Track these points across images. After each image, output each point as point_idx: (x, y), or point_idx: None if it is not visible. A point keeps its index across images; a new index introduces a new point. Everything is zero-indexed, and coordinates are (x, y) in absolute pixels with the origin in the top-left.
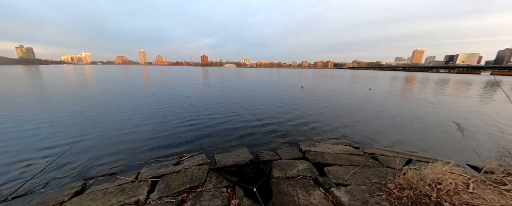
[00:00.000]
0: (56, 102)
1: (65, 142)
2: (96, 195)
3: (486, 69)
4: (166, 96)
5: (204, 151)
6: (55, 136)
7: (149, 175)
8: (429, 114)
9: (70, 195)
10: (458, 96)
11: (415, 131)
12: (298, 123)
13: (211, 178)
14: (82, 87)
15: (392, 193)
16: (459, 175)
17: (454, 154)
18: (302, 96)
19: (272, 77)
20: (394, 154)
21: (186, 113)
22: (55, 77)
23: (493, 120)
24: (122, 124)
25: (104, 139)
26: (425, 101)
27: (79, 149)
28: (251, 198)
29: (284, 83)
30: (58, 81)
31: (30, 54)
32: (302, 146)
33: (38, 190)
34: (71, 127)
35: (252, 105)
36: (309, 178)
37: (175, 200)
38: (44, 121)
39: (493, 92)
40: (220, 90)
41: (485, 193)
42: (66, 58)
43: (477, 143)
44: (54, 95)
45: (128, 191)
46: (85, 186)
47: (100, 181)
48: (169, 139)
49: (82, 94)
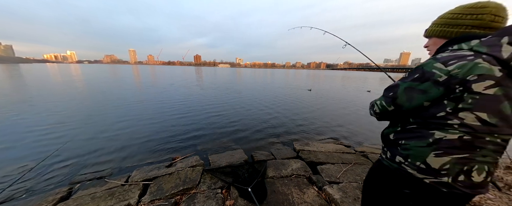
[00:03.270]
0: (38, 103)
1: (49, 145)
2: (84, 200)
3: None
4: (157, 97)
5: (198, 152)
6: (37, 138)
7: (141, 178)
8: None
9: (55, 201)
10: None
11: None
12: (293, 124)
13: (205, 179)
14: (67, 87)
15: None
16: None
17: None
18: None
19: (270, 79)
20: None
21: (180, 114)
22: (37, 77)
23: None
24: (111, 126)
25: (92, 141)
26: None
27: (65, 152)
28: (246, 198)
29: (286, 86)
30: (40, 81)
31: (9, 52)
32: (296, 145)
33: (18, 197)
34: (55, 129)
35: (248, 107)
36: (303, 176)
37: (168, 202)
38: (24, 124)
39: None
40: (215, 91)
41: None
42: (49, 57)
43: None
44: (35, 96)
45: (118, 195)
46: (71, 191)
47: (87, 185)
48: (161, 140)
49: (68, 95)
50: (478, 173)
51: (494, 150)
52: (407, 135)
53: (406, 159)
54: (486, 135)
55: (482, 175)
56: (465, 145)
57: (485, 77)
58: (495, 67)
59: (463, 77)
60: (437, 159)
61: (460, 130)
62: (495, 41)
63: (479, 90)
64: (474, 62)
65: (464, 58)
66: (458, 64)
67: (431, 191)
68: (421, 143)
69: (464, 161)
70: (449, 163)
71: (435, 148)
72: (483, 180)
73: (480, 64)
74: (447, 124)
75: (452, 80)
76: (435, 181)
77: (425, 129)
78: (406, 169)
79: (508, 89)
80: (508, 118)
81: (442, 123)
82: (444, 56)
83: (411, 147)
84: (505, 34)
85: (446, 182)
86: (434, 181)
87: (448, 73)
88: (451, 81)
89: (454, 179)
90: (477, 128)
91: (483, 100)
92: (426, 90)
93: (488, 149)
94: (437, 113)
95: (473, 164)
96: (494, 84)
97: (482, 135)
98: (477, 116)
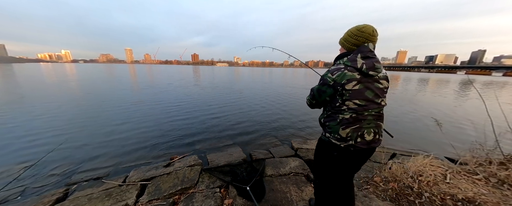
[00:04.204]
0: (32, 104)
1: (44, 146)
2: (80, 201)
3: (461, 69)
4: (155, 97)
5: (196, 152)
6: (32, 139)
7: (138, 178)
8: (411, 111)
9: (51, 202)
10: (437, 94)
11: (398, 127)
12: (291, 122)
13: (204, 179)
14: (62, 87)
15: (378, 186)
16: (438, 167)
17: (433, 147)
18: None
19: (268, 78)
20: (380, 149)
21: (177, 114)
22: (30, 77)
23: (466, 115)
24: (108, 126)
25: (89, 141)
26: (407, 99)
27: (61, 153)
28: (245, 197)
29: (284, 85)
30: (33, 81)
31: (2, 51)
32: (294, 143)
33: (13, 199)
34: (50, 129)
35: (246, 106)
36: (301, 174)
37: (166, 202)
38: (18, 124)
39: (467, 90)
40: (213, 90)
41: (460, 182)
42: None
43: (453, 136)
44: (29, 96)
45: (116, 195)
46: (68, 192)
47: (84, 186)
48: (159, 140)
49: (63, 95)
50: (367, 135)
51: (374, 119)
52: (328, 119)
53: (330, 134)
54: (364, 111)
55: (371, 135)
56: (354, 120)
57: (350, 80)
58: (355, 73)
59: (340, 82)
60: (343, 131)
61: (349, 112)
62: (354, 57)
63: (350, 88)
64: (344, 72)
65: (340, 70)
66: (337, 74)
67: (346, 151)
68: (334, 123)
69: (357, 129)
70: (350, 132)
71: (341, 125)
72: (373, 138)
73: (347, 73)
74: (342, 109)
75: (336, 84)
76: (346, 144)
77: (335, 114)
78: (331, 140)
79: (367, 84)
80: (372, 99)
81: (340, 109)
82: (333, 68)
83: (331, 126)
84: (359, 52)
85: (351, 144)
86: (345, 145)
87: (333, 79)
88: (335, 84)
89: (355, 141)
90: (356, 109)
91: (354, 93)
92: (325, 91)
93: (369, 120)
94: (336, 104)
95: (363, 130)
96: (357, 83)
97: (361, 112)
98: (354, 102)
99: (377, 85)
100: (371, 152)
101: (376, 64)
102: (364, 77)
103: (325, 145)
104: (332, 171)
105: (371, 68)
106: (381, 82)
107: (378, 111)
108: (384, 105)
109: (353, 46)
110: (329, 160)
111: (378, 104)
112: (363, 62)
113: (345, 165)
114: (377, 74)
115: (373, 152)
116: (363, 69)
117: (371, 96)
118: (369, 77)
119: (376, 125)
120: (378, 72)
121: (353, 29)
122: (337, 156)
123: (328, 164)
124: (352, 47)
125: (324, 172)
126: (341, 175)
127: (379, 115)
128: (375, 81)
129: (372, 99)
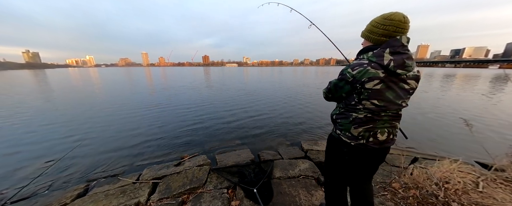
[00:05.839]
0: (58, 105)
1: (67, 144)
2: (98, 197)
3: (494, 63)
4: (168, 99)
5: (205, 151)
6: (56, 138)
7: (150, 176)
8: (434, 110)
9: (73, 197)
10: (465, 91)
11: (420, 127)
12: (301, 122)
13: (212, 179)
14: (85, 90)
15: (397, 193)
16: (468, 173)
17: (461, 151)
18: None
19: (278, 77)
20: (398, 152)
21: (189, 114)
22: (60, 82)
23: (502, 115)
24: (124, 126)
25: (106, 141)
26: (430, 96)
27: (81, 151)
28: (252, 199)
29: (294, 84)
30: (62, 85)
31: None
32: (304, 144)
33: (41, 193)
34: (72, 129)
35: (255, 105)
36: (311, 177)
37: (175, 201)
38: (44, 124)
39: (502, 87)
40: (223, 91)
41: (496, 192)
42: (71, 62)
43: (486, 139)
44: (56, 98)
45: (129, 192)
46: (88, 188)
47: (102, 182)
48: (171, 140)
49: (85, 97)
50: (381, 134)
51: (390, 119)
52: (340, 116)
53: (341, 131)
54: (381, 112)
55: (384, 135)
56: (369, 119)
57: (372, 78)
58: (379, 71)
59: (360, 79)
60: (355, 130)
61: (364, 111)
62: (381, 52)
63: (370, 87)
64: (366, 69)
65: (362, 65)
66: (358, 70)
67: (356, 149)
68: (346, 121)
69: (370, 129)
70: (362, 131)
71: (353, 124)
72: (386, 138)
73: (370, 70)
74: (357, 108)
75: (354, 81)
76: (357, 143)
77: (348, 112)
78: (342, 137)
79: (389, 84)
80: (391, 100)
81: (355, 108)
82: (354, 63)
83: (342, 124)
84: (388, 46)
85: (363, 143)
86: (356, 143)
87: (352, 76)
88: (354, 81)
89: (367, 140)
90: (373, 109)
91: (373, 92)
92: (342, 87)
93: (384, 120)
94: (351, 102)
95: (376, 130)
96: (379, 82)
97: (377, 112)
98: (372, 102)
99: (402, 86)
100: (384, 152)
101: (407, 61)
102: (389, 76)
103: (335, 141)
104: (342, 170)
105: (400, 66)
106: (408, 83)
107: (396, 111)
108: (405, 106)
109: (381, 37)
110: (338, 157)
111: (398, 105)
112: (392, 59)
113: (355, 165)
114: (406, 73)
115: (387, 152)
116: (390, 67)
117: (392, 97)
118: (395, 77)
119: (391, 125)
120: (408, 71)
121: (378, 19)
122: (347, 153)
123: (337, 161)
124: (380, 39)
125: (334, 171)
126: (352, 175)
127: (396, 115)
128: (401, 81)
129: (393, 100)
